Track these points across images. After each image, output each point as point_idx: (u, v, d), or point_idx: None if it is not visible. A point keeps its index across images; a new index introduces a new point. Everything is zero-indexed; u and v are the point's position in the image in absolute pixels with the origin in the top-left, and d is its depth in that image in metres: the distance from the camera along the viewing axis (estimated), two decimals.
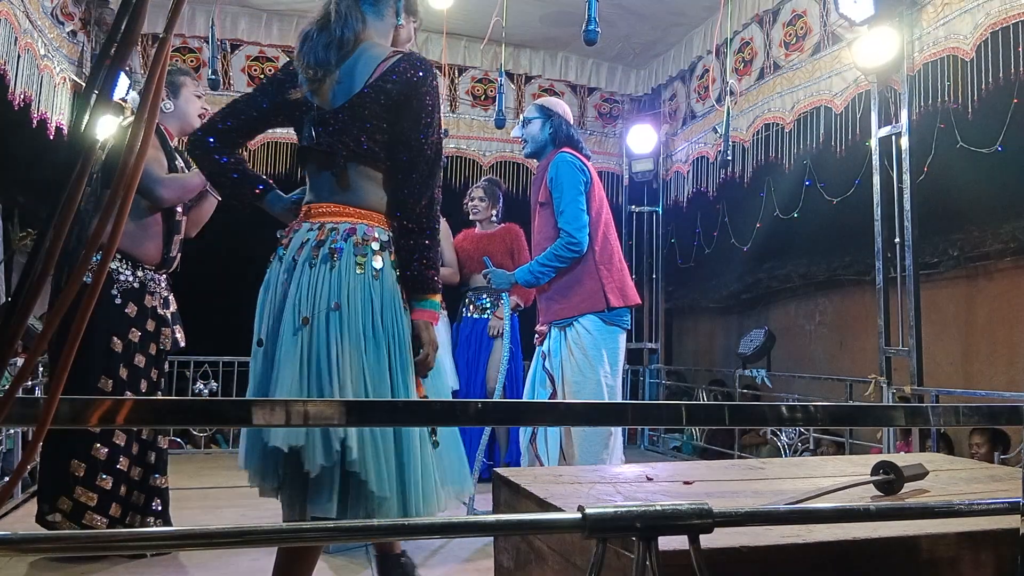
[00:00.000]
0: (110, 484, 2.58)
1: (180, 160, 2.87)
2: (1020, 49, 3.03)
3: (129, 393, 2.62)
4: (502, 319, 4.02)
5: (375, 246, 1.81)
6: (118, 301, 2.63)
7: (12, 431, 3.67)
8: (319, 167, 1.88)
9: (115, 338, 2.61)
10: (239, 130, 1.97)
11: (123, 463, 2.63)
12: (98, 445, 2.57)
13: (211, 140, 1.94)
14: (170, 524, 2.78)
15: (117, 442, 2.61)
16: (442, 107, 5.33)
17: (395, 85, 1.81)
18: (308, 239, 1.83)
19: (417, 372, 1.83)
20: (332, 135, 1.84)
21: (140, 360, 2.69)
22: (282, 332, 1.78)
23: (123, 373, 2.63)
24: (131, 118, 3.00)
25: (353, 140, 1.82)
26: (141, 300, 2.70)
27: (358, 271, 1.78)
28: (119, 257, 2.65)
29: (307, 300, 1.77)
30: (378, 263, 1.80)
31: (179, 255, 2.86)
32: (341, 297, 1.76)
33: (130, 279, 2.67)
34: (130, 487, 2.66)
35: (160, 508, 2.76)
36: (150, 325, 2.73)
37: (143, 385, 2.69)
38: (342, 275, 1.77)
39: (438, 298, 1.86)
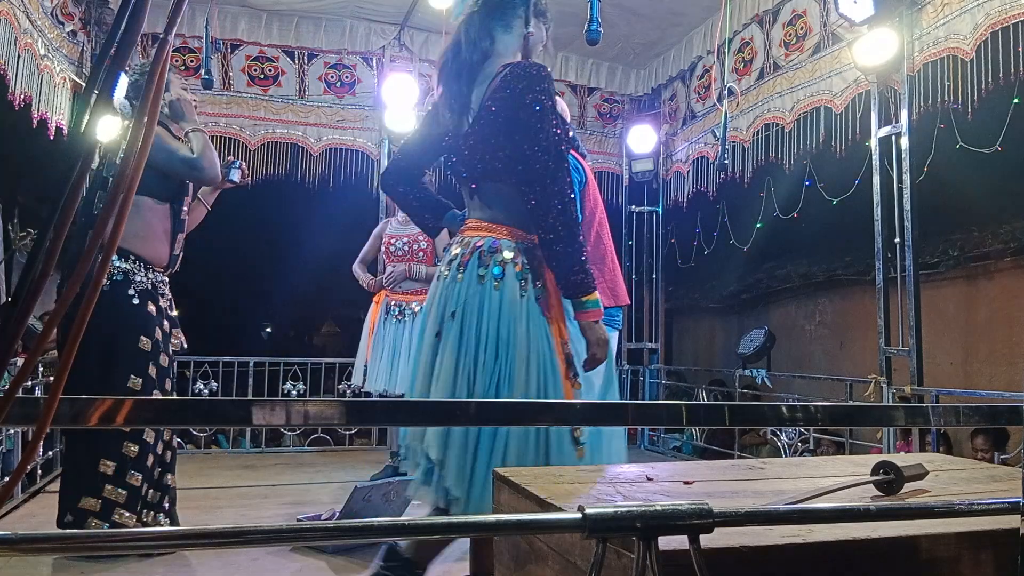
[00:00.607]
0: (139, 481, 2.59)
1: None
2: (1020, 49, 3.03)
3: (158, 392, 2.64)
4: None
5: (498, 257, 1.88)
6: (136, 301, 2.65)
7: (12, 431, 3.67)
8: (463, 189, 2.04)
9: (143, 337, 2.63)
10: (413, 164, 2.17)
11: (150, 461, 2.64)
12: (129, 443, 2.57)
13: (391, 179, 2.17)
14: (177, 521, 2.81)
15: (147, 440, 2.63)
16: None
17: (502, 101, 1.86)
18: (451, 254, 1.97)
19: (585, 368, 1.90)
20: (463, 159, 1.96)
21: (164, 359, 2.71)
22: (423, 341, 1.94)
23: (152, 372, 2.65)
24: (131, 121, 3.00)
25: (480, 161, 1.92)
26: (156, 301, 2.73)
27: (479, 282, 1.87)
28: (133, 259, 2.67)
29: (436, 313, 1.91)
30: (498, 273, 1.87)
31: (181, 255, 2.88)
32: (459, 306, 1.86)
33: (143, 280, 2.68)
34: (149, 485, 2.68)
35: (168, 506, 2.78)
36: (166, 325, 2.75)
37: (167, 384, 2.70)
38: (463, 287, 1.87)
39: (595, 296, 1.89)
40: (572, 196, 1.85)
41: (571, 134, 3.19)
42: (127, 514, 2.54)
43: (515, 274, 1.88)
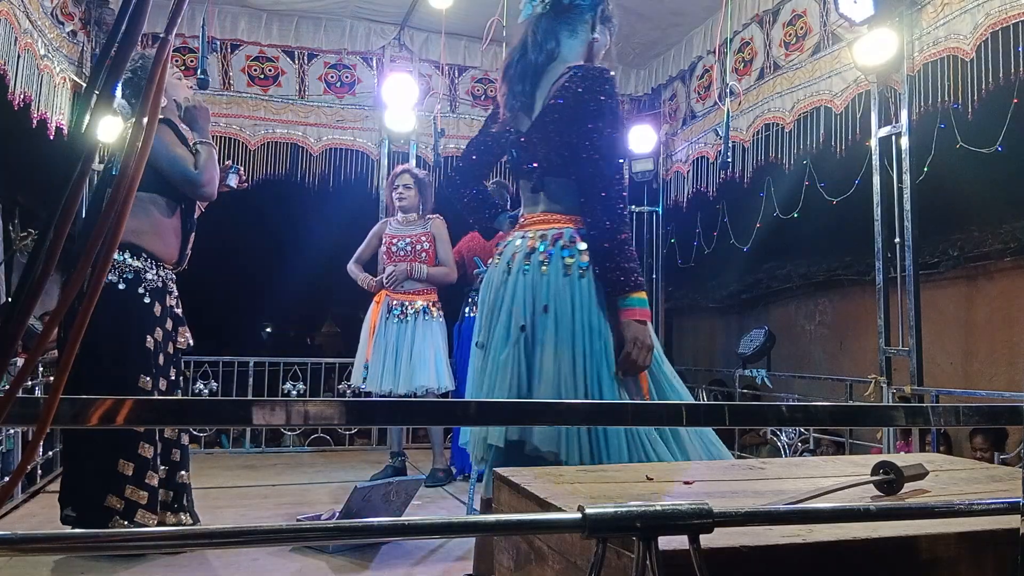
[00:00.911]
0: (156, 482, 2.60)
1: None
2: (1020, 49, 3.03)
3: (156, 393, 2.64)
4: None
5: (581, 246, 1.93)
6: (146, 300, 2.65)
7: (12, 431, 3.67)
8: (524, 183, 2.08)
9: (149, 337, 2.64)
10: (476, 164, 2.25)
11: (158, 461, 2.65)
12: (144, 444, 2.57)
13: (458, 178, 2.25)
14: (197, 518, 2.82)
15: (158, 440, 2.64)
16: (439, 106, 5.24)
17: (564, 100, 1.94)
18: (520, 246, 1.98)
19: (623, 370, 1.88)
20: (528, 153, 2.02)
21: (161, 359, 2.71)
22: (499, 336, 1.94)
23: (152, 372, 2.65)
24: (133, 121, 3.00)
25: (544, 157, 1.98)
26: (164, 300, 2.73)
27: (566, 273, 1.90)
28: (145, 256, 2.67)
29: (523, 306, 1.91)
30: (585, 263, 1.91)
31: (189, 253, 2.89)
32: (550, 299, 1.89)
33: (154, 279, 2.68)
34: (161, 485, 2.68)
35: (188, 503, 2.80)
36: (169, 324, 2.75)
37: (163, 384, 2.70)
38: (551, 279, 1.90)
39: (640, 295, 1.92)
40: (619, 193, 1.91)
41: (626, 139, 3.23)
42: (148, 514, 2.55)
43: None
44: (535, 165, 2.00)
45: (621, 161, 1.97)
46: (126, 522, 2.49)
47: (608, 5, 2.12)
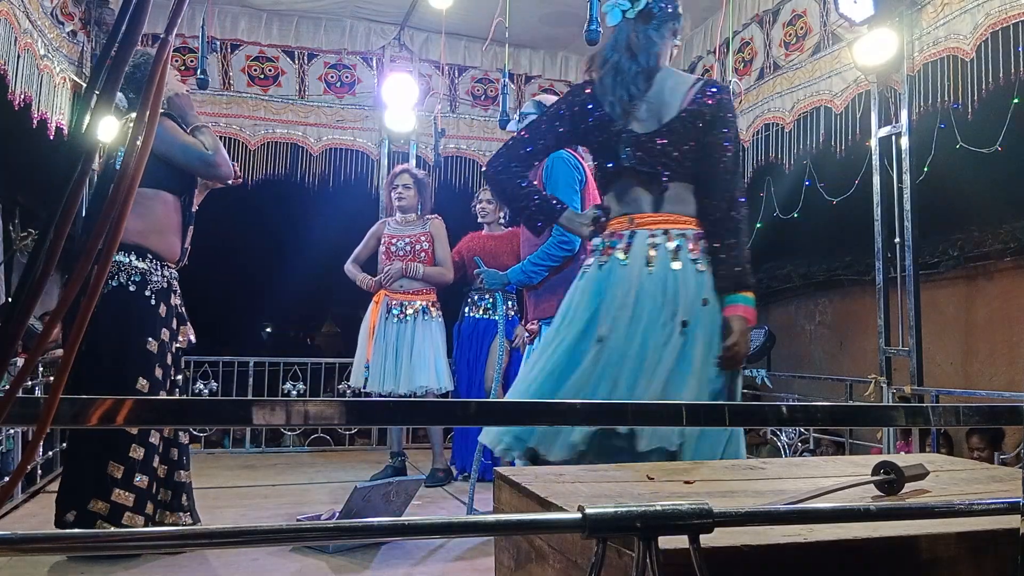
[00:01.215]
0: (146, 483, 2.58)
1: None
2: (1020, 49, 3.03)
3: (163, 393, 2.63)
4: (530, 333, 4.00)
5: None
6: (152, 302, 2.64)
7: (12, 431, 3.67)
8: (639, 183, 2.08)
9: (150, 339, 2.62)
10: (539, 154, 2.19)
11: (155, 461, 2.64)
12: (135, 446, 2.55)
13: (515, 166, 2.12)
14: (198, 517, 2.80)
15: (152, 441, 2.61)
16: (439, 106, 5.25)
17: (705, 107, 2.03)
18: (657, 244, 2.01)
19: (724, 362, 1.98)
20: (653, 156, 2.05)
21: (168, 359, 2.70)
22: (646, 330, 1.95)
23: (158, 373, 2.64)
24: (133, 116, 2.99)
25: (674, 159, 2.04)
26: (169, 300, 2.71)
27: (709, 271, 2.02)
28: (150, 257, 2.66)
29: (678, 301, 1.97)
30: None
31: (189, 248, 2.88)
32: (708, 295, 1.99)
33: (159, 280, 2.67)
34: (157, 485, 2.67)
35: (188, 503, 2.78)
36: (174, 324, 2.74)
37: (168, 384, 2.70)
38: (706, 276, 2.00)
39: (749, 294, 2.03)
40: (740, 198, 2.04)
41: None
42: (137, 517, 2.53)
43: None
44: (662, 166, 2.05)
45: (738, 170, 2.10)
46: (112, 526, 2.47)
47: (681, 18, 2.24)
